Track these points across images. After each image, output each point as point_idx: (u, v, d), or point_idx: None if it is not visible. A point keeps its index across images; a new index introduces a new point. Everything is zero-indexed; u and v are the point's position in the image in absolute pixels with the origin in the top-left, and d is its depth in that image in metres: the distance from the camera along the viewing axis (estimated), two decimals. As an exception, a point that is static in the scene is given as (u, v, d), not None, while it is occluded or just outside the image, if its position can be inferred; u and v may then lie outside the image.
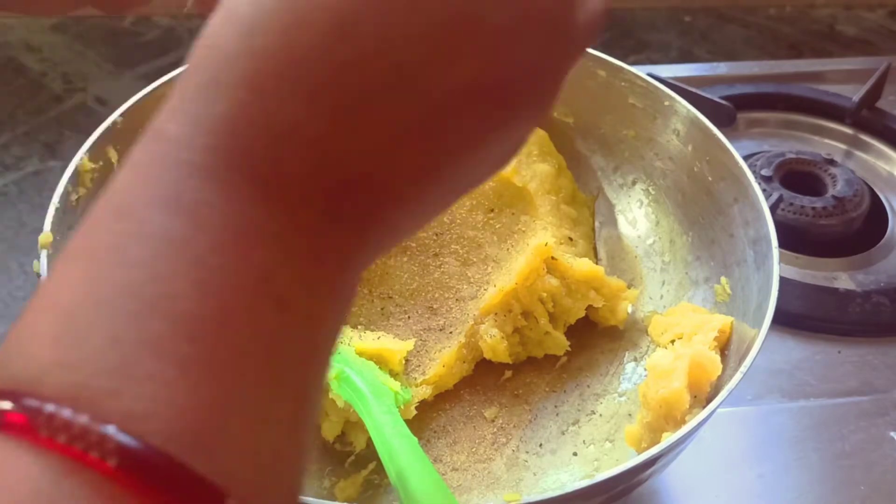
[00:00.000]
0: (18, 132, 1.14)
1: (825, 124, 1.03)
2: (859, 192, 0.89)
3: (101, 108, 1.18)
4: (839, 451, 0.71)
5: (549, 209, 0.75)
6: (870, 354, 0.78)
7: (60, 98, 1.20)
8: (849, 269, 0.84)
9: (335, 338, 0.29)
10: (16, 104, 1.18)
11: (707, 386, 0.57)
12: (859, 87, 1.03)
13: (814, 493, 0.68)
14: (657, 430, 0.57)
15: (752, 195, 0.65)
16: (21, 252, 1.00)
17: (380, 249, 0.30)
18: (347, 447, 0.66)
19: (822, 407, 0.74)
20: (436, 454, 0.66)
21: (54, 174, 1.07)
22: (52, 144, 1.13)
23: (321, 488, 0.64)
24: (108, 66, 1.25)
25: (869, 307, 0.80)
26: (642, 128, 0.76)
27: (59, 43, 1.29)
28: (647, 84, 0.74)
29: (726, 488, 0.68)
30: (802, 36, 1.30)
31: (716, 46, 1.29)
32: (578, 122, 0.80)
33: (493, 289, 0.70)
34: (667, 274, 0.74)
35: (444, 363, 0.68)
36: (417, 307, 0.73)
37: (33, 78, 1.23)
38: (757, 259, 0.63)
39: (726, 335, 0.61)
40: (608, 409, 0.68)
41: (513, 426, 0.68)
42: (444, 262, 0.75)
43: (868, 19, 1.34)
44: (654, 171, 0.76)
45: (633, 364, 0.70)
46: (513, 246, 0.74)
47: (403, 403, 0.62)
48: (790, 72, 1.11)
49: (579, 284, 0.70)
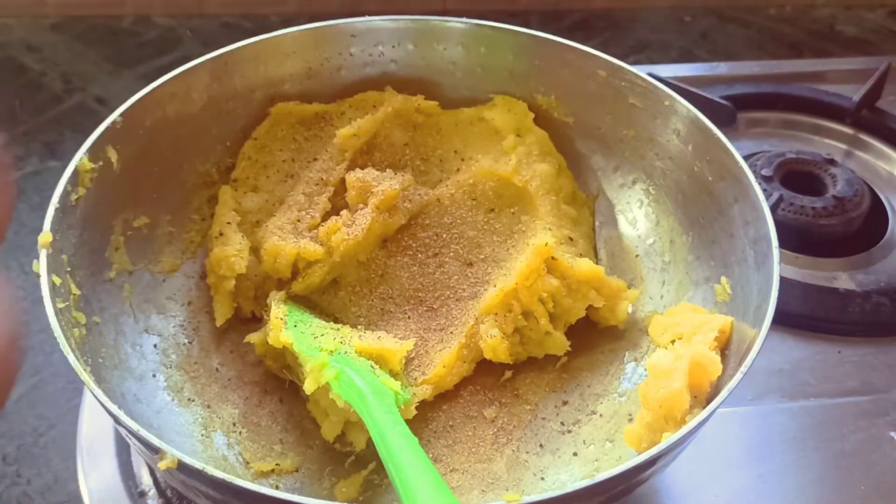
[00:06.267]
0: (18, 132, 1.14)
1: (825, 124, 1.04)
2: (859, 192, 0.89)
3: (101, 107, 1.18)
4: (839, 451, 0.71)
5: (549, 209, 0.75)
6: (870, 354, 0.78)
7: (60, 98, 1.20)
8: (849, 269, 0.84)
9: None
10: (16, 104, 1.18)
11: (707, 386, 0.57)
12: (859, 87, 1.03)
13: (814, 493, 0.68)
14: (657, 430, 0.57)
15: (752, 195, 0.65)
16: (21, 252, 1.00)
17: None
18: (347, 447, 0.66)
19: (822, 407, 0.74)
20: (436, 454, 0.66)
21: (54, 174, 1.07)
22: (52, 144, 1.13)
23: (321, 488, 0.64)
24: (108, 66, 1.25)
25: (869, 307, 0.80)
26: (642, 128, 0.76)
27: (59, 43, 1.29)
28: (647, 84, 0.74)
29: (726, 488, 0.68)
30: (802, 36, 1.30)
31: (716, 46, 1.29)
32: (578, 122, 0.80)
33: (494, 289, 0.70)
34: (667, 274, 0.74)
35: (444, 363, 0.68)
36: (417, 307, 0.73)
37: (33, 78, 1.23)
38: (757, 259, 0.63)
39: (726, 335, 0.61)
40: (608, 409, 0.68)
41: (513, 426, 0.68)
42: (444, 262, 0.75)
43: (868, 19, 1.34)
44: (654, 171, 0.76)
45: (634, 364, 0.70)
46: (513, 246, 0.74)
47: (403, 403, 0.62)
48: (790, 72, 1.12)
49: (579, 284, 0.70)
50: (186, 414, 0.66)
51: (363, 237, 0.71)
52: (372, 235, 0.73)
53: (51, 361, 0.91)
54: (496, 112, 0.80)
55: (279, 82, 0.79)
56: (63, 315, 0.57)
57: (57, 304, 0.57)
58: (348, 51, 0.80)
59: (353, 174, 0.74)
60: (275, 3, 1.40)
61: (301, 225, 0.74)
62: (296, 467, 0.65)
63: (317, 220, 0.74)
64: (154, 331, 0.70)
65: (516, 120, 0.80)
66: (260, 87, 0.78)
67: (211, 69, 0.74)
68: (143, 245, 0.71)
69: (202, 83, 0.74)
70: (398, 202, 0.74)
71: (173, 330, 0.71)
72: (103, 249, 0.67)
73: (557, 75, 0.79)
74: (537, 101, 0.80)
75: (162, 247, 0.74)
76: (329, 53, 0.80)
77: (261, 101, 0.78)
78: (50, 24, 1.30)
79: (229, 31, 1.35)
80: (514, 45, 0.79)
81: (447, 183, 0.78)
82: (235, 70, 0.76)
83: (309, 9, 1.40)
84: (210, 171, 0.77)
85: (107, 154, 0.66)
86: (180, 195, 0.75)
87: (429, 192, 0.77)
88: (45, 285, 0.57)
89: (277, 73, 0.78)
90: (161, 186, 0.73)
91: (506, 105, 0.80)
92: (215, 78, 0.75)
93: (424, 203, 0.76)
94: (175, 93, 0.72)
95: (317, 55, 0.79)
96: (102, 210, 0.67)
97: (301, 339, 0.64)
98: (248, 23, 1.38)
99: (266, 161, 0.78)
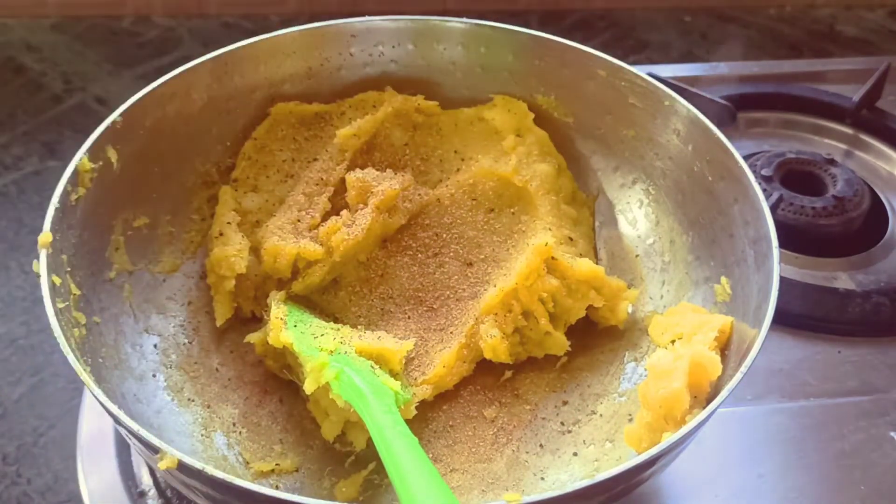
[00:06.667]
0: (18, 132, 1.14)
1: (825, 124, 1.04)
2: (859, 192, 0.89)
3: (101, 107, 1.18)
4: (839, 451, 0.71)
5: (549, 209, 0.75)
6: (870, 354, 0.78)
7: (60, 98, 1.20)
8: (849, 269, 0.84)
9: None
10: (16, 104, 1.18)
11: (707, 386, 0.57)
12: (859, 87, 1.03)
13: (814, 493, 0.68)
14: (657, 430, 0.57)
15: (752, 195, 0.65)
16: (21, 252, 1.00)
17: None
18: (347, 447, 0.66)
19: (822, 407, 0.74)
20: (436, 454, 0.66)
21: (54, 174, 1.07)
22: (52, 144, 1.13)
23: (321, 488, 0.64)
24: (108, 66, 1.25)
25: (869, 307, 0.80)
26: (642, 128, 0.76)
27: (59, 43, 1.29)
28: (647, 84, 0.74)
29: (726, 488, 0.68)
30: (802, 36, 1.30)
31: (716, 46, 1.29)
32: (578, 122, 0.80)
33: (494, 289, 0.70)
34: (667, 274, 0.74)
35: (444, 363, 0.68)
36: (417, 307, 0.73)
37: (33, 78, 1.23)
38: (757, 259, 0.63)
39: (726, 335, 0.61)
40: (608, 409, 0.68)
41: (513, 426, 0.68)
42: (444, 262, 0.75)
43: (868, 19, 1.34)
44: (654, 171, 0.76)
45: (634, 364, 0.70)
46: (513, 246, 0.74)
47: (403, 403, 0.62)
48: (790, 72, 1.12)
49: (579, 284, 0.70)
50: (186, 414, 0.66)
51: (363, 237, 0.71)
52: (372, 235, 0.73)
53: (51, 361, 0.91)
54: (496, 112, 0.80)
55: (279, 82, 0.79)
56: (63, 315, 0.57)
57: (57, 304, 0.57)
58: (348, 51, 0.80)
59: (353, 174, 0.74)
60: (275, 3, 1.40)
61: (301, 225, 0.74)
62: (296, 467, 0.65)
63: (317, 220, 0.74)
64: (154, 331, 0.70)
65: (516, 120, 0.80)
66: (260, 87, 0.78)
67: (211, 69, 0.74)
68: (143, 245, 0.71)
69: (202, 83, 0.74)
70: (398, 202, 0.74)
71: (173, 330, 0.71)
72: (103, 249, 0.67)
73: (557, 75, 0.79)
74: (537, 101, 0.80)
75: (162, 247, 0.74)
76: (329, 53, 0.80)
77: (261, 101, 0.78)
78: (50, 24, 1.30)
79: (229, 31, 1.35)
80: (514, 45, 0.79)
81: (447, 183, 0.78)
82: (235, 70, 0.76)
83: (309, 9, 1.40)
84: (210, 171, 0.77)
85: (107, 154, 0.66)
86: (180, 195, 0.75)
87: (429, 192, 0.77)
88: (45, 285, 0.57)
89: (277, 73, 0.78)
90: (161, 186, 0.73)
91: (506, 105, 0.80)
92: (215, 78, 0.75)
93: (424, 203, 0.76)
94: (175, 93, 0.72)
95: (317, 55, 0.79)
96: (102, 210, 0.67)
97: (301, 339, 0.64)
98: (248, 23, 1.38)
99: (266, 161, 0.78)
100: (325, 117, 0.80)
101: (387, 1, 1.39)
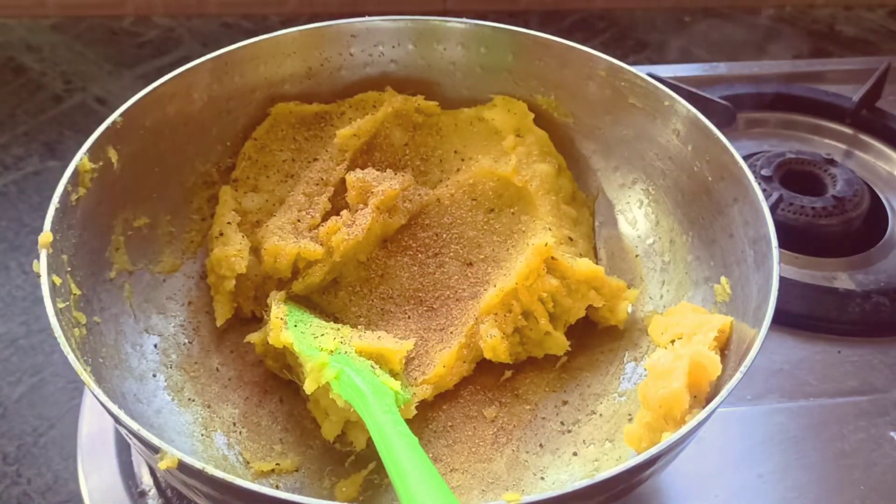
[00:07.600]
0: (18, 132, 1.14)
1: (825, 124, 1.04)
2: (859, 192, 0.89)
3: (101, 107, 1.18)
4: (839, 451, 0.71)
5: (549, 209, 0.75)
6: (870, 354, 0.78)
7: (60, 98, 1.20)
8: (849, 269, 0.84)
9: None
10: (16, 104, 1.18)
11: (707, 386, 0.57)
12: (859, 87, 1.03)
13: (814, 493, 0.68)
14: (657, 430, 0.57)
15: (752, 195, 0.65)
16: (21, 252, 1.00)
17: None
18: (347, 447, 0.66)
19: (822, 407, 0.74)
20: (436, 454, 0.66)
21: (54, 174, 1.07)
22: (52, 144, 1.13)
23: (321, 488, 0.64)
24: (108, 66, 1.25)
25: (869, 307, 0.80)
26: (642, 128, 0.76)
27: (59, 43, 1.29)
28: (647, 84, 0.74)
29: (726, 488, 0.68)
30: (802, 36, 1.30)
31: (716, 46, 1.29)
32: (578, 122, 0.80)
33: (493, 289, 0.70)
34: (667, 274, 0.74)
35: (444, 363, 0.68)
36: (417, 307, 0.73)
37: (33, 78, 1.23)
38: (757, 259, 0.63)
39: (726, 335, 0.61)
40: (608, 409, 0.68)
41: (513, 426, 0.68)
42: (444, 262, 0.75)
43: (868, 19, 1.34)
44: (654, 171, 0.76)
45: (633, 364, 0.70)
46: (513, 246, 0.74)
47: (403, 403, 0.62)
48: (790, 72, 1.12)
49: (579, 284, 0.70)
50: (186, 414, 0.66)
51: (363, 237, 0.71)
52: (372, 235, 0.73)
53: (51, 361, 0.91)
54: (496, 112, 0.80)
55: (279, 82, 0.79)
56: (63, 315, 0.57)
57: (57, 304, 0.57)
58: (348, 51, 0.80)
59: (353, 174, 0.74)
60: (275, 3, 1.40)
61: (301, 225, 0.74)
62: (296, 467, 0.65)
63: (317, 220, 0.74)
64: (154, 331, 0.70)
65: (516, 120, 0.80)
66: (260, 87, 0.78)
67: (211, 69, 0.74)
68: (143, 245, 0.71)
69: (202, 83, 0.74)
70: (398, 202, 0.74)
71: (173, 330, 0.71)
72: (103, 249, 0.67)
73: (557, 75, 0.79)
74: (537, 101, 0.80)
75: (162, 247, 0.74)
76: (329, 53, 0.80)
77: (261, 101, 0.79)
78: (50, 24, 1.30)
79: (229, 31, 1.35)
80: (514, 45, 0.79)
81: (447, 183, 0.78)
82: (235, 70, 0.76)
83: (309, 9, 1.41)
84: (210, 171, 0.77)
85: (107, 154, 0.66)
86: (180, 195, 0.75)
87: (429, 192, 0.77)
88: (46, 285, 0.57)
89: (277, 73, 0.78)
90: (161, 186, 0.73)
91: (506, 105, 0.80)
92: (215, 78, 0.75)
93: (424, 203, 0.76)
94: (175, 93, 0.72)
95: (317, 55, 0.79)
96: (103, 210, 0.67)
97: (301, 339, 0.64)
98: (248, 23, 1.38)
99: (266, 161, 0.78)
100: (325, 117, 0.80)
101: (387, 1, 1.39)
